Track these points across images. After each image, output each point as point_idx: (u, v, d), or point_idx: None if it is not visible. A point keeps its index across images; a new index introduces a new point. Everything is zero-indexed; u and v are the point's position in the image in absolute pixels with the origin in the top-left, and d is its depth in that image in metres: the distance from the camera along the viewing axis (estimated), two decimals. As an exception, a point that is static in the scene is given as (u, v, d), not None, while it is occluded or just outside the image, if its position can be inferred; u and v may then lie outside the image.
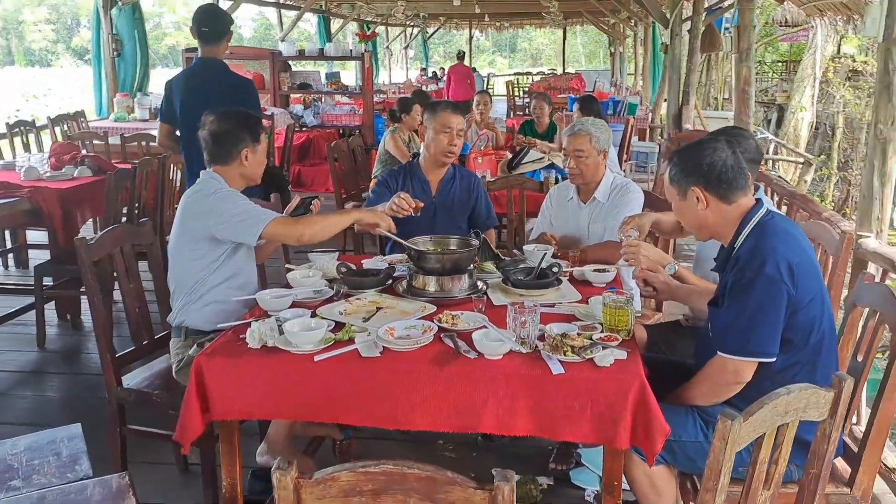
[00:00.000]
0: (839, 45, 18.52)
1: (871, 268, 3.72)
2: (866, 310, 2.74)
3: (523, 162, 5.91)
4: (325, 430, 3.49)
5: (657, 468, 2.53)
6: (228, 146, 3.20)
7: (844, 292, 3.54)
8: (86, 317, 5.61)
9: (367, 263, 3.42)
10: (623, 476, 2.53)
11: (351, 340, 2.55)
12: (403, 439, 3.79)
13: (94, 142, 7.55)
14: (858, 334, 2.79)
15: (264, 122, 3.86)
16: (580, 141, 3.77)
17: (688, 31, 10.25)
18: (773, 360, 2.37)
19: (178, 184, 5.94)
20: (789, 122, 16.02)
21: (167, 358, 3.44)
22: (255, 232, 3.02)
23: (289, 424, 3.21)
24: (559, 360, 2.41)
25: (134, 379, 3.26)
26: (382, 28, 23.69)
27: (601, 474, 3.18)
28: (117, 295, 3.95)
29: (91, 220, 6.45)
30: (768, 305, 2.33)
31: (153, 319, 3.46)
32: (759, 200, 2.54)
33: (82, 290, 5.36)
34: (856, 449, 2.54)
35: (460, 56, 18.70)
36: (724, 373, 2.43)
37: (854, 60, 17.40)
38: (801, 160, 12.22)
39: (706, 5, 10.38)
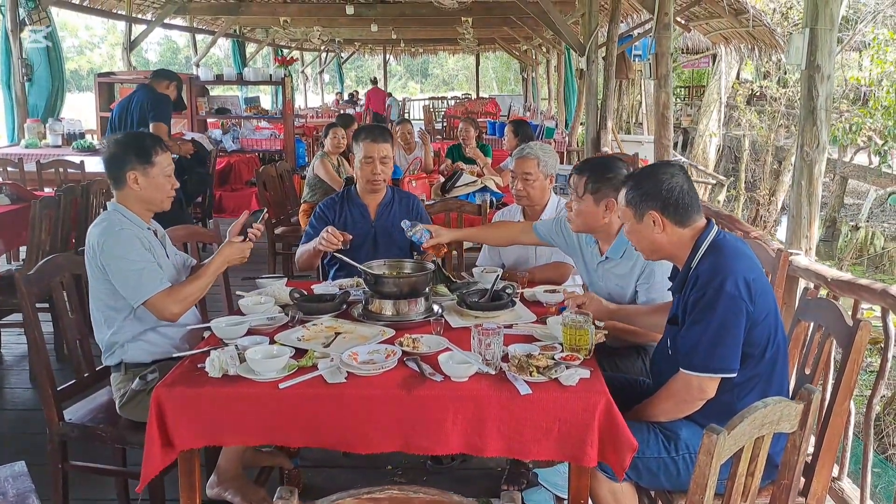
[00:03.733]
0: (738, 71, 19.28)
1: (801, 284, 3.86)
2: (811, 324, 2.84)
3: (457, 185, 5.95)
4: (275, 460, 3.43)
5: (622, 485, 2.56)
6: (115, 169, 3.06)
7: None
8: (6, 350, 5.39)
9: (318, 289, 3.39)
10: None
11: (314, 367, 2.52)
12: (351, 465, 3.76)
13: (9, 169, 7.28)
14: (803, 348, 2.90)
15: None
16: (528, 164, 3.83)
17: (603, 57, 10.51)
18: (735, 375, 2.44)
19: (100, 211, 5.77)
20: (698, 145, 16.57)
21: (108, 390, 3.33)
22: (138, 298, 2.92)
23: (239, 455, 3.15)
24: (525, 381, 2.43)
25: (76, 413, 3.13)
26: (297, 53, 23.56)
27: (558, 494, 3.23)
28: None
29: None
30: (730, 322, 2.40)
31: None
32: (709, 221, 2.61)
33: (1, 321, 5.15)
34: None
35: (374, 81, 24.29)
36: (689, 389, 2.48)
37: (758, 85, 18.13)
38: (714, 181, 12.66)
39: (619, 32, 10.68)
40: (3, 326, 5.28)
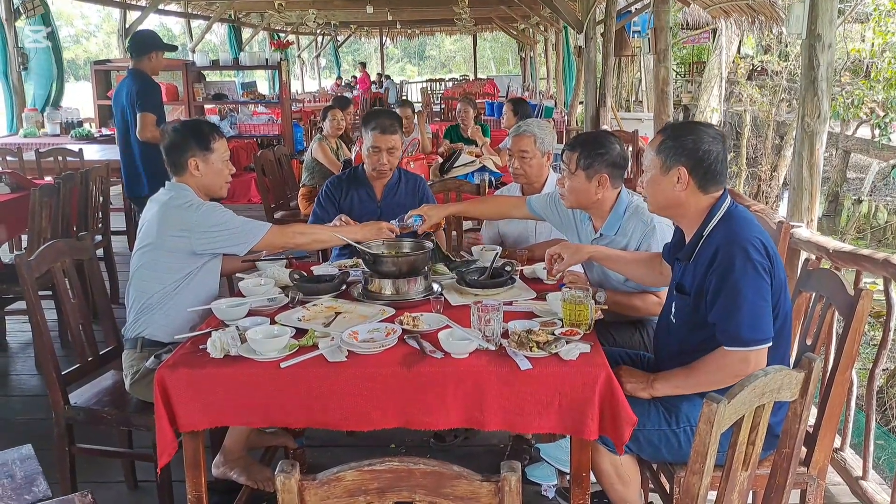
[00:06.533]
0: (739, 46, 19.17)
1: (803, 256, 3.86)
2: (812, 295, 2.84)
3: (455, 166, 5.94)
4: (279, 440, 3.44)
5: (623, 458, 2.57)
6: (175, 157, 3.15)
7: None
8: (12, 337, 5.40)
9: (317, 270, 3.39)
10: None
11: (315, 346, 2.53)
12: (355, 444, 3.79)
13: (8, 158, 7.28)
14: (805, 319, 2.90)
15: None
16: (525, 142, 3.82)
17: (601, 34, 10.47)
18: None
19: (100, 198, 5.78)
20: (699, 122, 16.49)
21: (112, 374, 3.35)
22: (251, 242, 3.07)
23: (245, 435, 3.16)
24: (525, 356, 2.44)
25: (81, 397, 3.15)
26: (293, 37, 23.46)
27: (560, 468, 3.24)
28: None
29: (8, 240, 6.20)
30: (763, 290, 2.36)
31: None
32: (725, 190, 2.57)
33: (6, 309, 5.16)
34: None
35: (363, 64, 27.05)
36: (745, 365, 2.37)
37: (759, 60, 18.04)
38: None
39: (618, 8, 10.61)
40: (7, 314, 5.29)
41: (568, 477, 2.81)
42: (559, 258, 2.97)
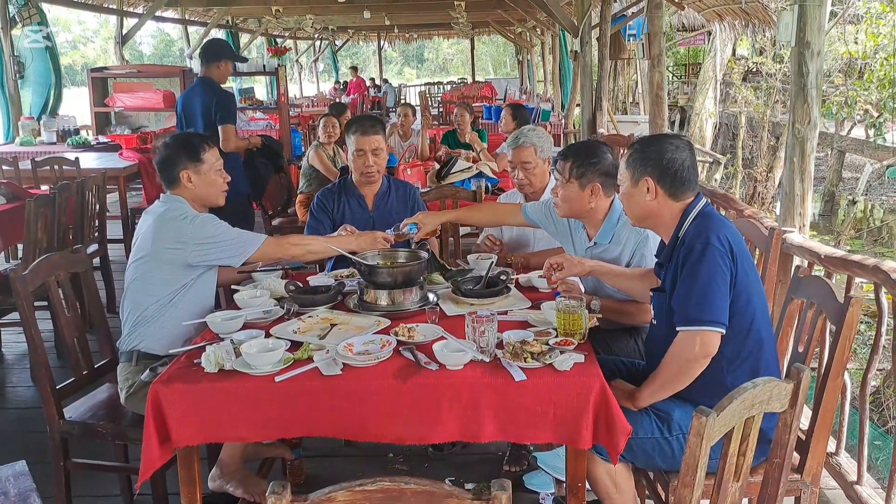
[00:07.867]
0: (734, 48, 19.21)
1: (796, 261, 3.87)
2: (804, 302, 2.85)
3: (452, 172, 5.95)
4: (276, 451, 3.45)
5: (618, 466, 2.58)
6: (168, 170, 3.18)
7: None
8: (7, 348, 5.40)
9: (314, 280, 3.40)
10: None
11: (310, 359, 2.53)
12: (353, 454, 3.78)
13: (4, 167, 7.27)
14: (797, 325, 2.91)
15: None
16: (526, 153, 3.83)
17: (596, 38, 10.48)
18: (724, 331, 2.44)
19: (97, 207, 5.78)
20: (695, 124, 16.54)
21: (108, 387, 3.36)
22: (246, 254, 3.10)
23: (241, 447, 3.16)
24: (520, 367, 2.45)
25: (76, 410, 3.16)
26: (291, 42, 23.48)
27: (557, 476, 3.25)
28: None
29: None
30: (718, 276, 2.42)
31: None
32: (698, 193, 2.64)
33: (0, 321, 5.16)
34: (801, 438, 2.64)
35: (355, 69, 25.88)
36: (691, 346, 2.44)
37: (753, 61, 18.09)
38: (711, 159, 12.63)
39: (612, 12, 10.62)
40: (3, 326, 5.29)
41: (565, 485, 2.82)
42: (559, 267, 2.99)
